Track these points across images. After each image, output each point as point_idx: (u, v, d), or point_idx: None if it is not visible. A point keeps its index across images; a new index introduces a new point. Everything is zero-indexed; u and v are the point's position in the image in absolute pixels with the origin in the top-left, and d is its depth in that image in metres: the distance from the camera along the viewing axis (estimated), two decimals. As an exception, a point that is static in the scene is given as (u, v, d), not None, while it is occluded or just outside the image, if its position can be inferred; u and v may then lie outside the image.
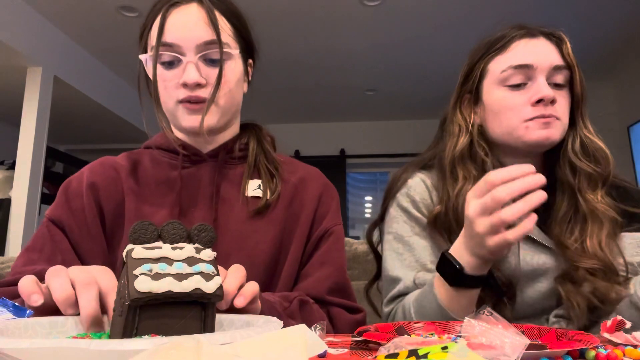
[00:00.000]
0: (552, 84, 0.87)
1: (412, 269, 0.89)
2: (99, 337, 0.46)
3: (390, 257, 0.93)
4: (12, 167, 3.74)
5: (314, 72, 4.69)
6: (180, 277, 0.42)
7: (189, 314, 0.43)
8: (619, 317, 0.59)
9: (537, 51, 0.88)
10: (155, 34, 0.80)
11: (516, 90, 0.88)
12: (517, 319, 0.86)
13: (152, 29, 0.82)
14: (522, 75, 0.87)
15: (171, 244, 0.46)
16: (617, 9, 3.55)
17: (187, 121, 0.82)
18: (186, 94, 0.80)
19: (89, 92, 4.25)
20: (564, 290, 0.83)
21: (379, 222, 1.02)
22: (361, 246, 1.48)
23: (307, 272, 0.86)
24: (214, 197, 0.85)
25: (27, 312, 0.49)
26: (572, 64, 0.89)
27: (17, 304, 0.50)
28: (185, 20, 0.80)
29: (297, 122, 6.03)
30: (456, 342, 0.35)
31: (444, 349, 0.34)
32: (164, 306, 0.42)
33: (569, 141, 0.90)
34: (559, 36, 0.90)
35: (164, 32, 0.79)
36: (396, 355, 0.38)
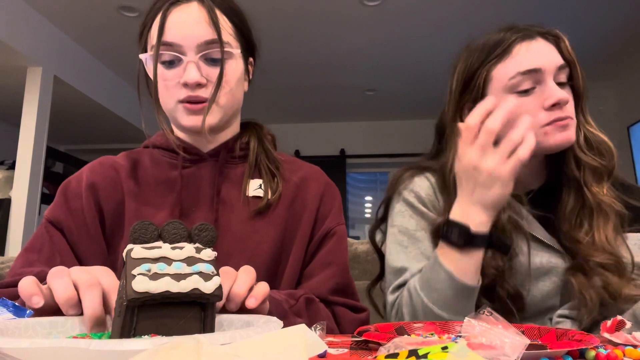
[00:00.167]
0: (558, 83, 0.87)
1: (417, 261, 0.88)
2: (99, 337, 0.46)
3: (395, 249, 0.91)
4: (12, 167, 3.74)
5: (314, 72, 4.69)
6: (178, 277, 0.42)
7: (188, 314, 0.43)
8: (619, 317, 0.59)
9: (541, 54, 0.86)
10: (155, 33, 0.79)
11: (525, 95, 0.86)
12: (521, 318, 0.86)
13: (152, 28, 0.82)
14: (531, 80, 0.86)
15: (171, 243, 0.46)
16: (617, 9, 3.55)
17: (188, 121, 0.81)
18: (187, 94, 0.79)
19: (89, 92, 4.25)
20: (577, 282, 0.82)
21: (381, 221, 1.01)
22: (361, 246, 1.48)
23: (310, 273, 0.85)
24: (214, 198, 0.85)
25: (27, 312, 0.49)
26: (572, 61, 0.88)
27: (17, 304, 0.50)
28: (185, 19, 0.79)
29: (297, 122, 6.03)
30: (456, 342, 0.35)
31: (444, 349, 0.34)
32: (163, 306, 0.42)
33: None
34: (556, 34, 0.90)
35: (164, 31, 0.79)
36: (396, 355, 0.38)
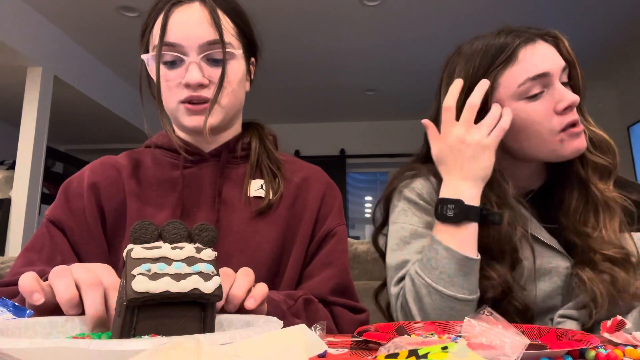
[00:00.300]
0: (561, 84, 0.87)
1: (418, 253, 0.87)
2: (99, 337, 0.46)
3: (397, 246, 0.91)
4: (12, 167, 3.74)
5: (314, 72, 4.69)
6: (178, 277, 0.42)
7: (187, 314, 0.43)
8: (619, 317, 0.59)
9: (546, 57, 0.86)
10: (157, 33, 0.79)
11: (534, 100, 0.85)
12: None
13: (154, 28, 0.82)
14: (540, 84, 0.85)
15: (171, 243, 0.46)
16: (617, 9, 3.55)
17: (190, 121, 0.81)
18: (188, 94, 0.79)
19: (89, 92, 4.25)
20: (586, 277, 0.81)
21: (382, 226, 1.00)
22: (361, 246, 1.47)
23: (310, 273, 0.85)
24: (216, 198, 0.85)
25: (27, 312, 0.49)
26: (571, 61, 0.88)
27: (17, 303, 0.50)
28: (187, 19, 0.79)
29: (297, 122, 6.03)
30: (456, 342, 0.35)
31: (444, 349, 0.34)
32: (163, 306, 0.42)
33: None
34: (555, 35, 0.89)
35: (166, 32, 0.79)
36: (396, 355, 0.38)
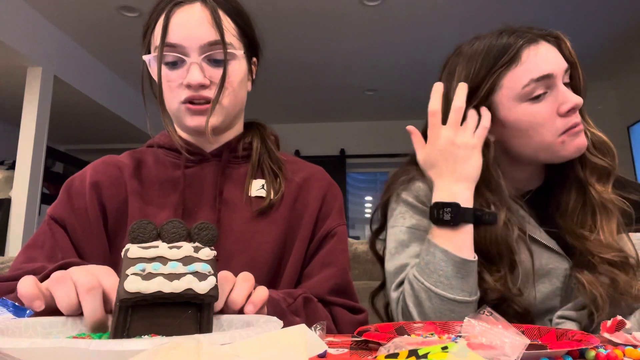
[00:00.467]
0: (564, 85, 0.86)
1: (417, 257, 0.87)
2: (99, 337, 0.46)
3: (395, 248, 0.90)
4: (12, 167, 3.74)
5: (314, 72, 4.69)
6: (172, 277, 0.41)
7: (183, 315, 0.42)
8: (619, 317, 0.59)
9: (549, 58, 0.85)
10: (159, 34, 0.80)
11: (538, 101, 0.85)
12: None
13: (155, 29, 0.82)
14: (543, 85, 0.84)
15: (170, 243, 0.45)
16: (617, 9, 3.55)
17: (191, 121, 0.81)
18: (189, 94, 0.79)
19: (89, 92, 4.25)
20: (585, 280, 0.81)
21: (379, 230, 1.00)
22: (361, 246, 1.47)
23: (310, 273, 0.85)
24: (217, 198, 0.85)
25: (27, 312, 0.49)
26: (573, 62, 0.88)
27: (17, 303, 0.50)
28: (189, 20, 0.79)
29: (297, 122, 6.03)
30: (456, 342, 0.35)
31: (444, 349, 0.34)
32: (157, 307, 0.41)
33: None
34: (557, 36, 0.89)
35: (167, 33, 0.79)
36: (396, 355, 0.38)
